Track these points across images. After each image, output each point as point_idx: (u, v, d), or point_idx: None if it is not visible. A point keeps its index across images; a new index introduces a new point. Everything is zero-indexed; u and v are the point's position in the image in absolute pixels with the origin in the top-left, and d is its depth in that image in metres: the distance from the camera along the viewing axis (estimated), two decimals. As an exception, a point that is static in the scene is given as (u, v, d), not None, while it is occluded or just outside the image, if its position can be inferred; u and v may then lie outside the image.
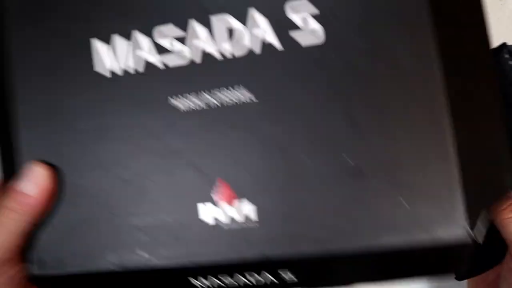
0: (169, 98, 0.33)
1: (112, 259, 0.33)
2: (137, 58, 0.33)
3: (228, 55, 0.33)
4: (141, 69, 0.33)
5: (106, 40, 0.33)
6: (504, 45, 0.40)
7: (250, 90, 0.32)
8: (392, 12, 0.31)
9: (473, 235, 0.29)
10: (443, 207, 0.30)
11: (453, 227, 0.29)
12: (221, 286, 0.33)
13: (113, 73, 0.33)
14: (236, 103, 0.32)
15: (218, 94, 0.32)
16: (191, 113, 0.33)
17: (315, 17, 0.32)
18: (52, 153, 0.34)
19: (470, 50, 0.31)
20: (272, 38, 0.32)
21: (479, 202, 0.30)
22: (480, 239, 0.30)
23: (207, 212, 0.32)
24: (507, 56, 0.39)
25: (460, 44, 0.31)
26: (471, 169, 0.30)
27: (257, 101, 0.32)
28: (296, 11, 0.32)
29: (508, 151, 0.32)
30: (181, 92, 0.33)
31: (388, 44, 0.31)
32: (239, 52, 0.32)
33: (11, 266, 0.34)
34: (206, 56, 0.33)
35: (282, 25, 0.32)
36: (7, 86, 0.35)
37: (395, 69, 0.31)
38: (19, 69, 0.35)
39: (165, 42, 0.33)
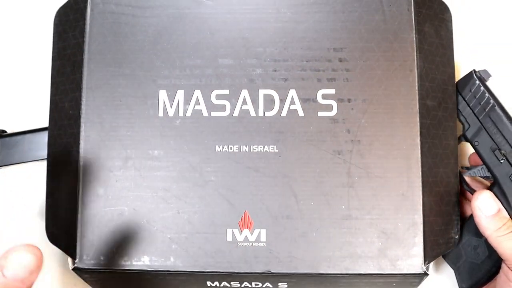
0: (210, 143, 0.42)
1: (146, 261, 0.42)
2: (191, 109, 0.43)
3: (261, 114, 0.42)
4: (192, 117, 0.43)
5: (172, 92, 0.43)
6: (473, 72, 0.43)
7: (273, 142, 0.42)
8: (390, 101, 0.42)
9: (425, 269, 0.40)
10: (408, 251, 0.40)
11: (413, 264, 0.40)
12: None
13: (169, 118, 0.43)
14: (260, 150, 0.42)
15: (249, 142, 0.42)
16: (225, 153, 0.42)
17: (333, 95, 0.42)
18: (108, 172, 0.42)
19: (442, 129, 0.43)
20: (298, 107, 0.42)
21: (432, 248, 0.41)
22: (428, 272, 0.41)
23: (232, 235, 0.41)
24: (478, 82, 0.43)
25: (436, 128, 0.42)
26: (430, 225, 0.41)
27: (277, 151, 0.42)
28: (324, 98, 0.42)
29: (457, 210, 0.43)
30: (222, 139, 0.42)
31: (384, 123, 0.42)
32: (269, 113, 0.42)
33: None
34: (244, 112, 0.42)
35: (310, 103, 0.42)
36: (77, 114, 0.43)
37: (388, 144, 0.41)
38: (88, 99, 0.43)
39: (217, 102, 0.43)
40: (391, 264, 0.40)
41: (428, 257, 0.41)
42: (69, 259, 0.43)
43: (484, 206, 0.40)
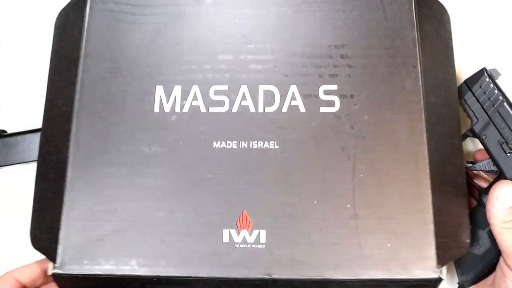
0: (208, 139, 0.40)
1: (134, 265, 0.38)
2: (188, 105, 0.41)
3: (261, 110, 0.41)
4: (189, 112, 0.41)
5: (169, 88, 0.41)
6: (484, 70, 0.43)
7: (274, 138, 0.40)
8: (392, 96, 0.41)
9: (439, 274, 0.37)
10: (419, 253, 0.37)
11: (426, 268, 0.37)
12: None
13: (164, 113, 0.41)
14: (260, 147, 0.40)
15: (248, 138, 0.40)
16: (222, 149, 0.40)
17: (335, 91, 0.41)
18: (98, 169, 0.40)
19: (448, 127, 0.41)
20: (299, 103, 0.41)
21: (445, 251, 0.38)
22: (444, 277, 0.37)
23: (229, 237, 0.38)
24: (488, 80, 0.43)
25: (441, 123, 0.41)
26: (442, 227, 0.38)
27: (277, 147, 0.40)
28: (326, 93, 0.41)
29: (466, 213, 0.40)
30: (220, 135, 0.40)
31: (389, 119, 0.40)
32: (270, 109, 0.41)
33: None
34: (243, 108, 0.41)
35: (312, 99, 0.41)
36: (69, 110, 0.41)
37: (393, 140, 0.40)
38: (82, 95, 0.41)
39: (215, 97, 0.41)
40: (402, 268, 0.37)
41: (441, 260, 0.37)
42: (50, 264, 0.39)
43: (503, 198, 0.39)
